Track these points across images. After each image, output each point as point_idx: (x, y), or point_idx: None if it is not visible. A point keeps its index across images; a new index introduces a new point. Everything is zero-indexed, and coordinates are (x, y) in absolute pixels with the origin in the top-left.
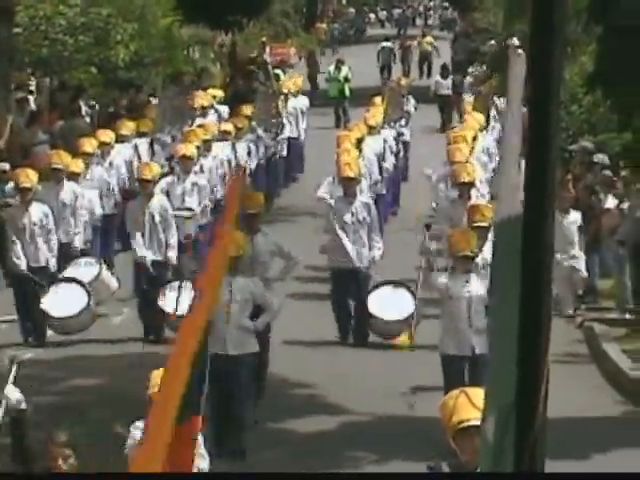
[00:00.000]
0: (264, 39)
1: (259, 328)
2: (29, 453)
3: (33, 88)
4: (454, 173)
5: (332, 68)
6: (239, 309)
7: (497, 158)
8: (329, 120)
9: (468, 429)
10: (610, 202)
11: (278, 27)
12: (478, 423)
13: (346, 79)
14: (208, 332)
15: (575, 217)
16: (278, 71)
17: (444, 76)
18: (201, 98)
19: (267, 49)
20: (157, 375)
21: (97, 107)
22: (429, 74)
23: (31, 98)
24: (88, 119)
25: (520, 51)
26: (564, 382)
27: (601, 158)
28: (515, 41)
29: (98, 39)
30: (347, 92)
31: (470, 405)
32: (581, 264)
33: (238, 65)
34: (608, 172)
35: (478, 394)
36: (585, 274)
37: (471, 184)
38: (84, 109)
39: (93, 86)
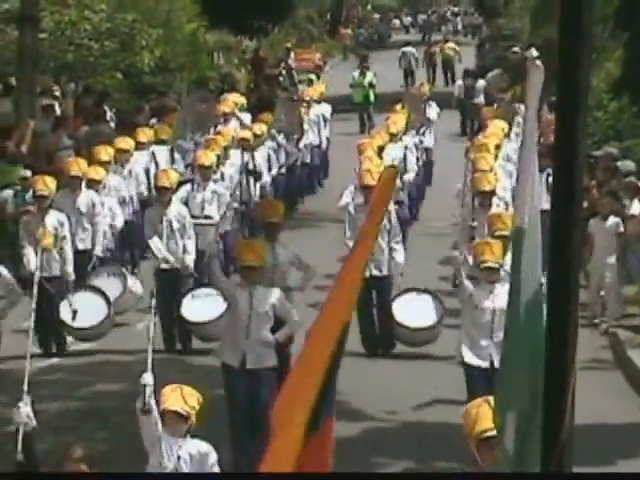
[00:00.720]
0: (289, 45)
1: (280, 340)
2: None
3: (58, 93)
4: (475, 181)
5: (357, 74)
6: (259, 321)
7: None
8: (354, 126)
9: (490, 439)
10: (635, 208)
11: (302, 32)
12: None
13: (371, 85)
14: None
15: (614, 223)
16: (312, 76)
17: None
18: (223, 105)
19: (292, 55)
20: (168, 391)
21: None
22: (453, 80)
23: (56, 103)
24: (113, 124)
25: (538, 62)
26: (589, 388)
27: (627, 165)
28: (533, 52)
29: (123, 44)
30: (372, 98)
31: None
32: (615, 273)
33: (262, 71)
34: (633, 178)
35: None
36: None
37: (492, 193)
38: (109, 114)
39: (118, 91)
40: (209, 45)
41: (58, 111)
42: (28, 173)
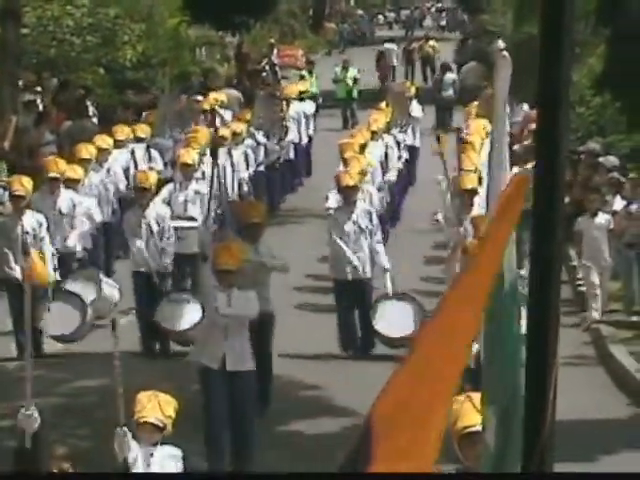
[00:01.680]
0: (272, 40)
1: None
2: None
3: (40, 89)
4: (458, 181)
5: (339, 69)
6: (238, 323)
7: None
8: (337, 122)
9: (473, 435)
10: (618, 204)
11: (285, 28)
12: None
13: (354, 81)
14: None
15: (603, 220)
16: (304, 72)
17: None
18: (204, 102)
19: (275, 50)
20: (144, 400)
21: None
22: (432, 77)
23: (38, 99)
24: (95, 120)
25: (505, 53)
26: (571, 384)
27: (610, 160)
28: (500, 43)
29: (105, 40)
30: (355, 94)
31: (475, 411)
32: (607, 270)
33: (245, 66)
34: (616, 174)
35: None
36: (607, 280)
37: (474, 192)
38: (91, 110)
39: (100, 87)
40: (191, 40)
41: (40, 107)
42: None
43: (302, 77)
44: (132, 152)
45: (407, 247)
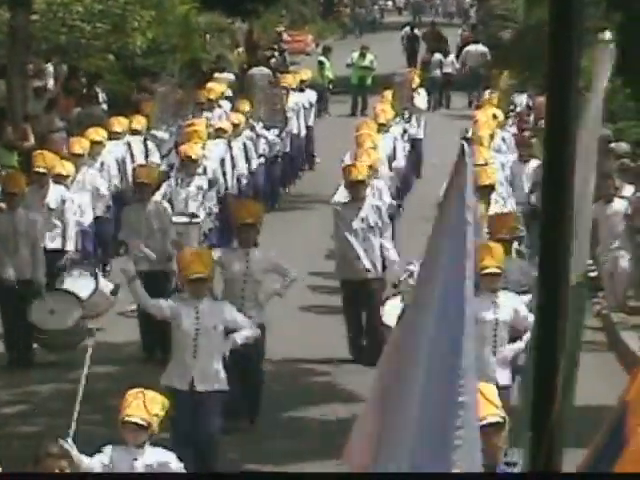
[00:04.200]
0: (282, 27)
1: (237, 342)
2: None
3: (50, 75)
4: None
5: (356, 55)
6: (207, 338)
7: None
8: (346, 108)
9: (483, 428)
10: (627, 190)
11: (295, 14)
12: (494, 420)
13: (370, 67)
14: None
15: (619, 206)
16: (322, 58)
17: (446, 55)
18: (208, 92)
19: (284, 36)
20: (130, 398)
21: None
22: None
23: (48, 85)
24: (105, 106)
25: (611, 46)
26: (582, 371)
27: (621, 146)
28: (607, 34)
29: (115, 26)
30: (369, 80)
31: (485, 401)
32: (624, 258)
33: (255, 52)
34: (626, 160)
35: (492, 390)
36: (627, 269)
37: (492, 187)
38: (101, 96)
39: (110, 73)
40: (201, 27)
41: (50, 93)
42: None
43: (321, 63)
44: (129, 144)
45: (411, 243)
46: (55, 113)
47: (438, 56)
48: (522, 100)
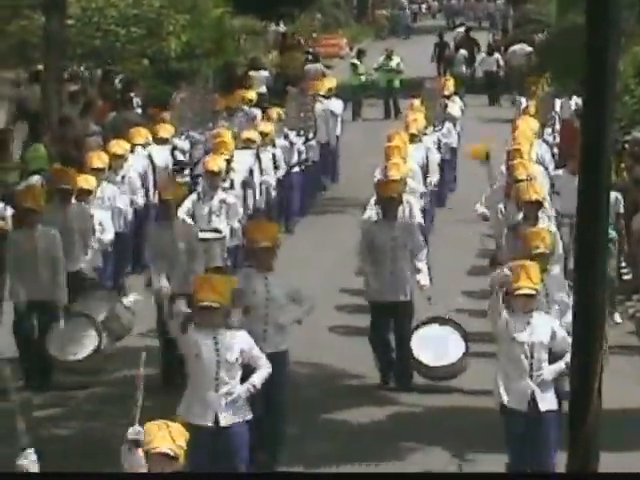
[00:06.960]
0: (315, 30)
1: (258, 387)
2: None
3: (85, 80)
4: (518, 191)
5: (382, 58)
6: (228, 371)
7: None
8: (379, 111)
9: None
10: None
11: (329, 18)
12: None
13: (397, 70)
14: None
15: None
16: (355, 61)
17: (490, 53)
18: (229, 99)
19: (318, 40)
20: (154, 429)
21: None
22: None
23: (85, 89)
24: (139, 111)
25: None
26: (615, 373)
27: None
28: None
29: (150, 30)
30: (397, 83)
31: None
32: None
33: (289, 56)
34: None
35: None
36: None
37: (539, 204)
38: (135, 101)
39: (144, 77)
40: (235, 30)
41: (86, 98)
42: None
43: (354, 65)
44: (150, 156)
45: (446, 258)
46: (90, 118)
47: (463, 52)
48: (570, 105)
